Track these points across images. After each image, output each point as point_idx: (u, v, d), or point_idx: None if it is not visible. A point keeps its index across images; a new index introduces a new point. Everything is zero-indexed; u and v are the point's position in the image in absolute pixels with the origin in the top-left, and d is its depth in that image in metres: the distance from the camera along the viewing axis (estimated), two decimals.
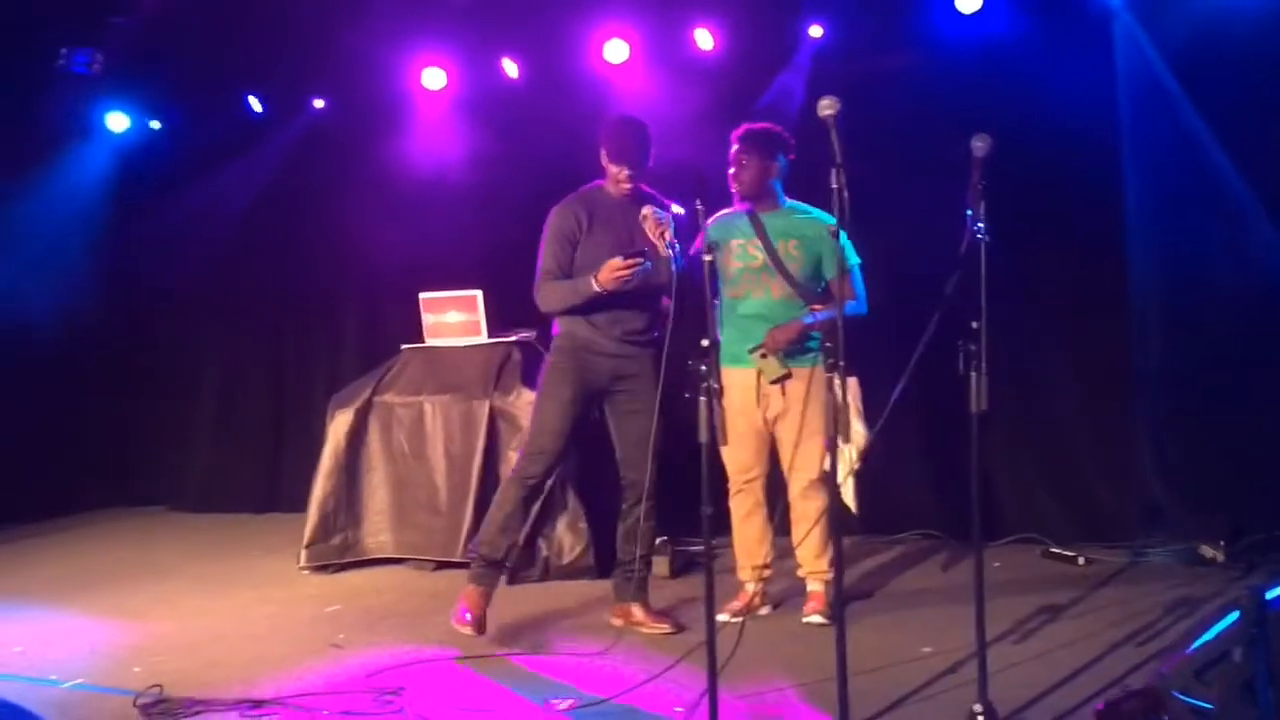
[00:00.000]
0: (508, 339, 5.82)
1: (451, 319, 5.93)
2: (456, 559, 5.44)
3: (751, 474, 4.57)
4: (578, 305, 4.37)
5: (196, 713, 3.65)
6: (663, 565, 5.32)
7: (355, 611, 4.93)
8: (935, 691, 3.68)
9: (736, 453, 4.49)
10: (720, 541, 5.82)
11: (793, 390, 4.43)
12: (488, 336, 5.83)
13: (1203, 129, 5.26)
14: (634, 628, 4.49)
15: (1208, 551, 5.11)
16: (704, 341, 3.25)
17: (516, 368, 5.69)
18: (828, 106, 3.18)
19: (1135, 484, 5.56)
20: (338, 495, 5.73)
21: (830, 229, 3.68)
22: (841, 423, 3.41)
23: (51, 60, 6.75)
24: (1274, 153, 5.21)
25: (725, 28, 6.10)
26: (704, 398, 3.23)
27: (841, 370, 3.28)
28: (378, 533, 5.73)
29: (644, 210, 4.30)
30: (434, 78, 6.71)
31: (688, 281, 4.03)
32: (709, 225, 4.37)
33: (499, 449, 5.52)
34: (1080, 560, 5.27)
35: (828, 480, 4.08)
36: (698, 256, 3.87)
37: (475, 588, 4.36)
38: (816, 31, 5.92)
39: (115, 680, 4.04)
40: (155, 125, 7.48)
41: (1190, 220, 5.33)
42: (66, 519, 7.24)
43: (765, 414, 4.47)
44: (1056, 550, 5.42)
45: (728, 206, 4.65)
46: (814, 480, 4.46)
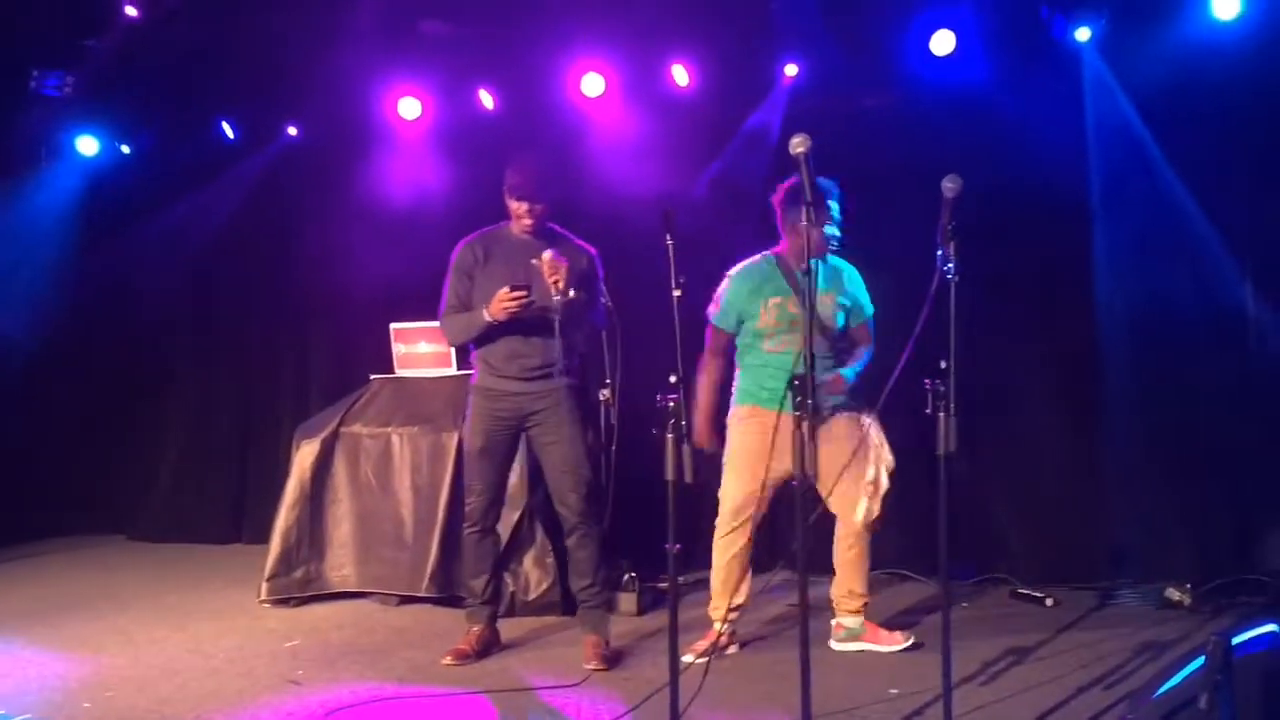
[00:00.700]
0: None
1: (422, 350, 5.88)
2: (421, 594, 5.37)
3: (746, 515, 4.54)
4: (477, 337, 4.51)
5: None
6: (630, 602, 5.28)
7: (315, 646, 4.84)
8: None
9: (737, 492, 4.49)
10: (687, 578, 5.84)
11: (832, 435, 4.39)
12: (457, 368, 5.79)
13: (1170, 172, 5.34)
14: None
15: (1175, 594, 5.11)
16: (672, 378, 3.23)
17: None
18: (799, 144, 3.19)
19: (1103, 525, 5.57)
20: (301, 527, 5.64)
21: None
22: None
23: (22, 82, 6.69)
24: (1240, 196, 5.28)
25: (701, 64, 6.13)
26: (671, 435, 3.20)
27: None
28: (341, 566, 5.65)
29: (544, 254, 4.36)
30: (410, 107, 6.70)
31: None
32: (734, 275, 4.46)
33: (466, 482, 5.45)
34: (1048, 601, 5.26)
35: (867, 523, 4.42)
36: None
37: (468, 626, 4.64)
38: (792, 70, 5.96)
39: (63, 715, 3.94)
40: (126, 150, 7.43)
41: (1158, 263, 5.39)
42: (24, 546, 7.09)
43: (775, 460, 4.32)
44: (1024, 590, 5.41)
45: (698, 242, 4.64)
46: (855, 522, 4.51)
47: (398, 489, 5.59)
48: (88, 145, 7.31)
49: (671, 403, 3.20)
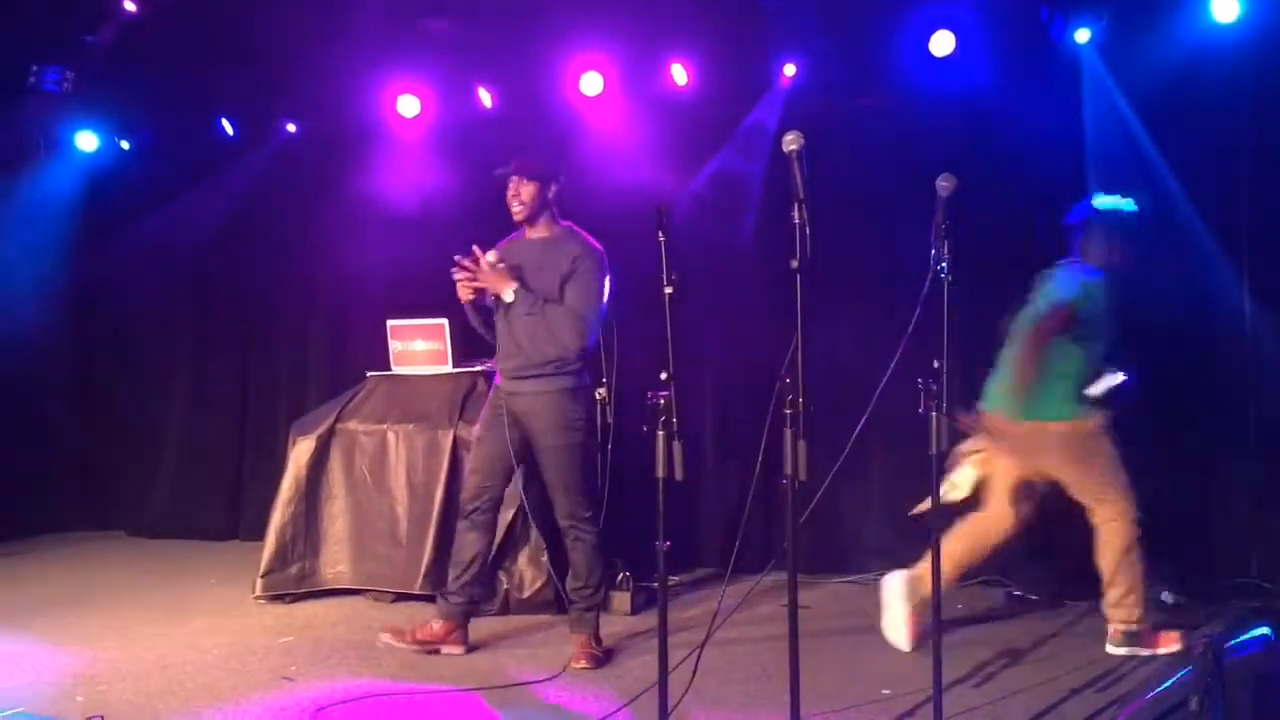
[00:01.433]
0: (473, 368, 5.77)
1: (418, 347, 5.88)
2: (415, 591, 5.36)
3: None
4: (483, 328, 4.67)
5: None
6: (624, 601, 5.28)
7: (308, 643, 4.84)
8: None
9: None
10: (683, 577, 5.85)
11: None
12: (454, 366, 5.78)
13: (1167, 173, 5.32)
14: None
15: (1168, 597, 5.10)
16: (663, 375, 3.22)
17: (481, 397, 5.60)
18: (792, 141, 3.18)
19: None
20: (296, 524, 5.64)
21: None
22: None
23: (21, 77, 6.69)
24: (1237, 198, 5.27)
25: (700, 64, 6.12)
26: (662, 432, 3.19)
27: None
28: (336, 563, 5.64)
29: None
30: (409, 105, 6.69)
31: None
32: (1083, 282, 4.45)
33: (462, 479, 5.44)
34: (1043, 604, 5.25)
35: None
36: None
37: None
38: (790, 70, 5.95)
39: (57, 709, 3.94)
40: (125, 145, 7.43)
41: (1154, 265, 5.36)
42: (21, 542, 7.10)
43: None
44: (1020, 593, 5.40)
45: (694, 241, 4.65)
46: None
47: (393, 486, 5.59)
48: (87, 141, 7.31)
49: (662, 400, 3.20)
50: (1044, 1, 5.48)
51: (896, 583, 4.54)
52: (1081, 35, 5.47)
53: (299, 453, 5.71)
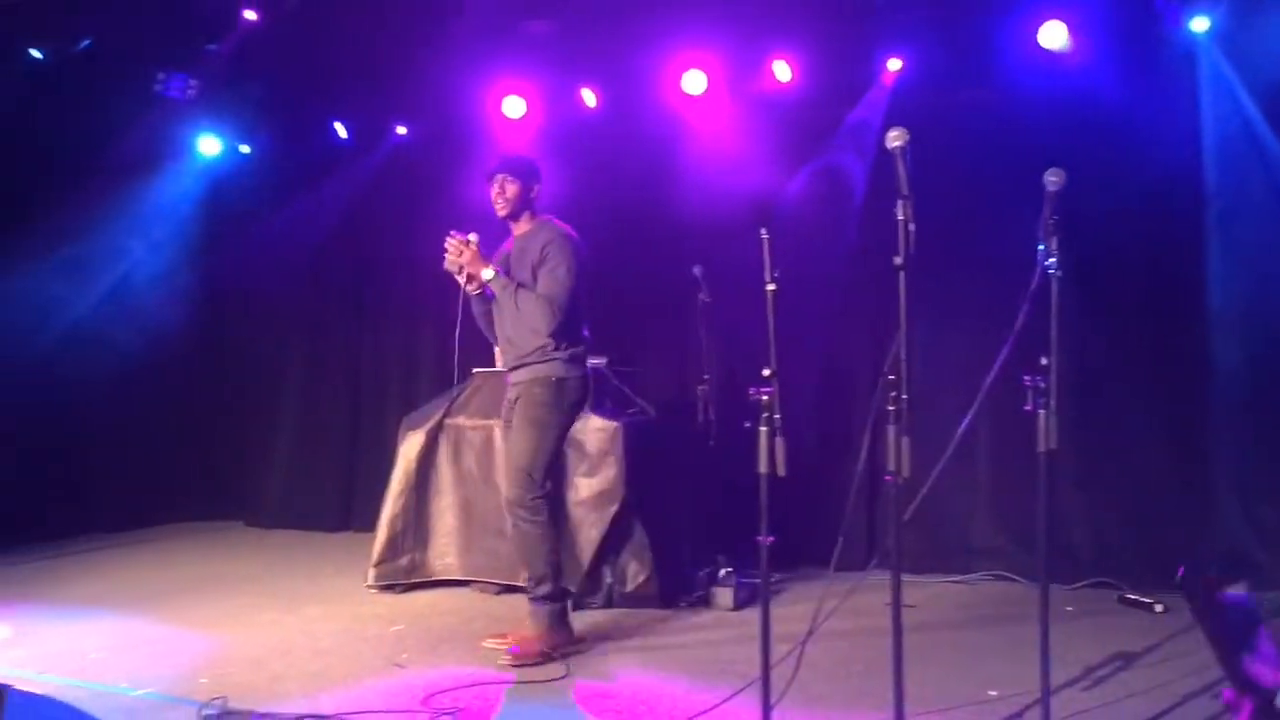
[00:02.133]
0: None
1: None
2: (520, 584, 5.45)
3: None
4: (484, 326, 4.87)
5: None
6: (726, 597, 5.30)
7: (418, 631, 4.98)
8: None
9: None
10: (787, 575, 5.84)
11: None
12: None
13: None
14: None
15: None
16: (765, 371, 3.24)
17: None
18: (895, 138, 3.16)
19: (1217, 529, 5.40)
20: (406, 516, 5.79)
21: None
22: None
23: (148, 85, 6.98)
24: None
25: (803, 60, 6.11)
26: (764, 428, 3.21)
27: None
28: (444, 554, 5.78)
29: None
30: (514, 106, 6.82)
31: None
32: None
33: (567, 475, 5.53)
34: (1158, 607, 5.12)
35: None
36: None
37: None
38: (895, 64, 5.90)
39: (183, 690, 4.12)
40: (245, 149, 7.70)
41: (1275, 263, 5.19)
42: (148, 531, 7.45)
43: None
44: (1133, 596, 5.27)
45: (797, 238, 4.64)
46: None
47: (499, 480, 5.69)
48: (209, 145, 7.60)
49: (765, 396, 3.22)
50: None
51: None
52: (1199, 24, 5.30)
53: (409, 447, 5.86)
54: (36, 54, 6.55)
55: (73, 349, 7.11)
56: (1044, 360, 3.29)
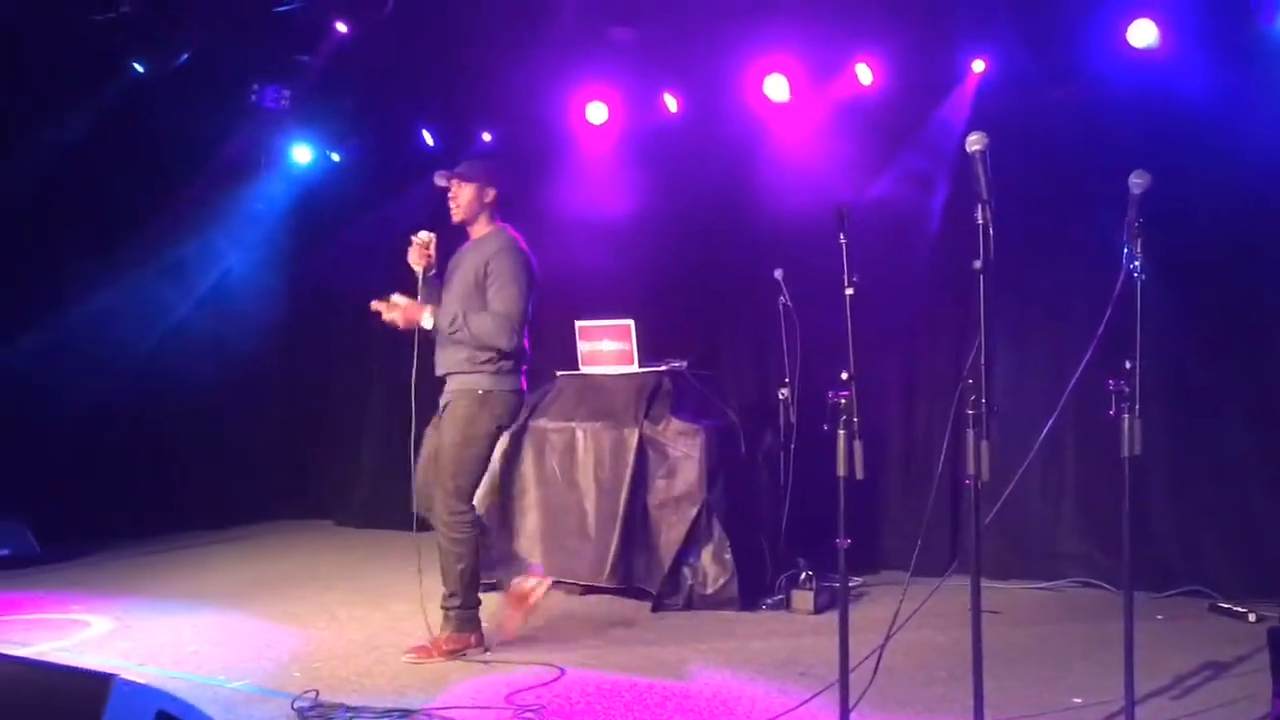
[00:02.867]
0: (659, 368, 5.89)
1: (605, 347, 6.04)
2: (602, 584, 5.53)
3: None
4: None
5: (349, 718, 3.81)
6: (806, 600, 5.30)
7: (503, 630, 5.06)
8: None
9: None
10: (869, 579, 5.82)
11: None
12: (639, 365, 5.92)
13: None
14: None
15: None
16: (844, 375, 3.25)
17: (667, 397, 5.76)
18: (975, 142, 3.15)
19: None
20: (491, 516, 5.88)
21: None
22: None
23: (244, 96, 7.22)
24: None
25: (886, 62, 6.09)
26: (843, 431, 3.23)
27: None
28: (529, 554, 5.86)
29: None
30: (597, 112, 6.90)
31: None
32: None
33: (647, 477, 5.58)
34: (1251, 617, 5.00)
35: None
36: None
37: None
38: (979, 66, 5.84)
39: (276, 683, 4.26)
40: (335, 157, 7.91)
41: None
42: (242, 529, 7.70)
43: None
44: (1225, 605, 5.16)
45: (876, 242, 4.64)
46: None
47: (581, 482, 5.76)
48: (302, 154, 7.82)
49: (844, 399, 3.23)
50: None
51: None
52: None
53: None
54: (139, 67, 6.81)
55: (173, 351, 7.39)
56: (1129, 364, 3.25)
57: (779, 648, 4.73)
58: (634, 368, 5.94)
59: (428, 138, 7.54)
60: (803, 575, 5.37)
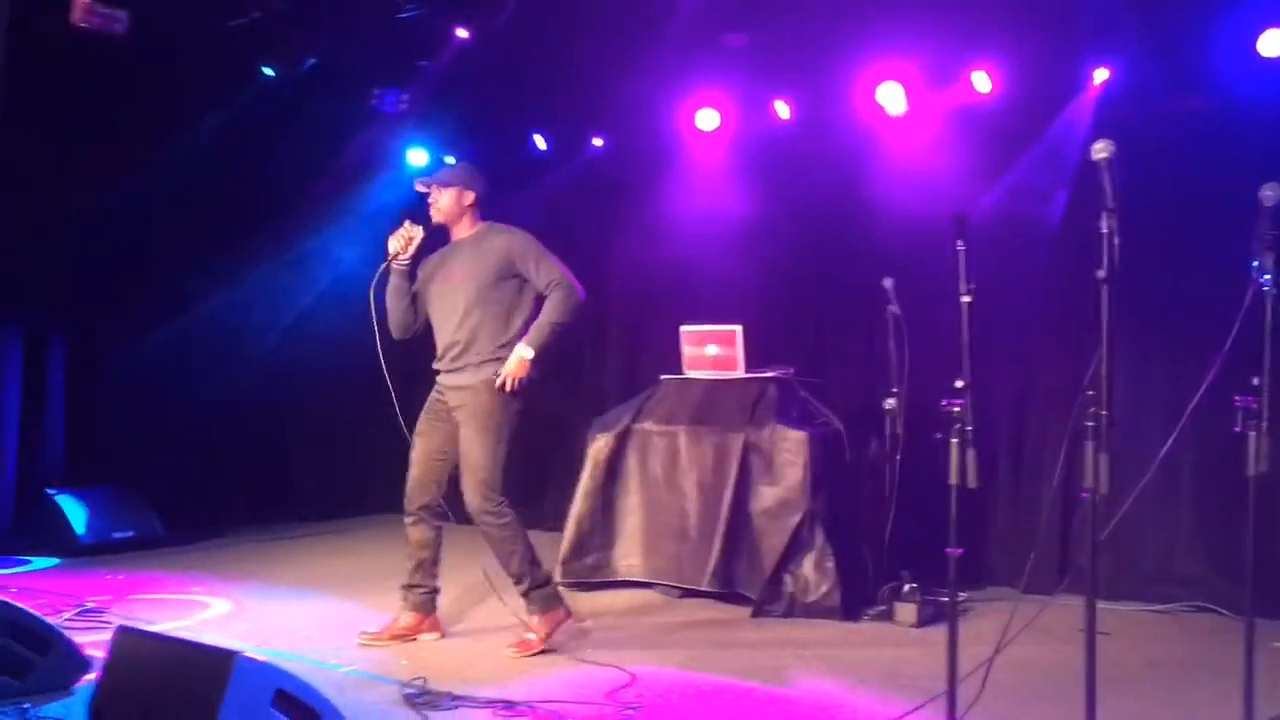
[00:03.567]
0: (765, 375, 5.89)
1: (710, 352, 6.05)
2: (702, 588, 5.54)
3: None
4: (392, 297, 5.15)
5: (454, 706, 3.90)
6: (909, 613, 5.23)
7: (603, 628, 5.13)
8: None
9: None
10: (975, 595, 5.72)
11: None
12: (745, 371, 5.92)
13: None
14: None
15: None
16: (958, 383, 3.22)
17: (772, 404, 5.75)
18: (1101, 150, 3.10)
19: None
20: (594, 516, 5.95)
21: None
22: None
23: (365, 100, 7.42)
24: None
25: (1005, 70, 5.99)
26: (955, 440, 3.20)
27: None
28: (629, 555, 5.91)
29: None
30: (708, 119, 6.93)
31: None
32: None
33: (750, 483, 5.57)
34: None
35: None
36: None
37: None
38: (1102, 74, 5.72)
39: (385, 669, 4.38)
40: (450, 161, 8.06)
41: None
42: (354, 520, 7.89)
43: None
44: None
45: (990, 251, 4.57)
46: None
47: (684, 485, 5.79)
48: (418, 157, 8.01)
49: (957, 407, 3.20)
50: None
51: None
52: None
53: (597, 449, 6.02)
54: (269, 72, 7.06)
55: (293, 346, 7.63)
56: (1256, 380, 3.16)
57: (882, 658, 4.69)
58: (739, 373, 5.93)
59: (540, 142, 7.66)
60: (906, 588, 5.31)
